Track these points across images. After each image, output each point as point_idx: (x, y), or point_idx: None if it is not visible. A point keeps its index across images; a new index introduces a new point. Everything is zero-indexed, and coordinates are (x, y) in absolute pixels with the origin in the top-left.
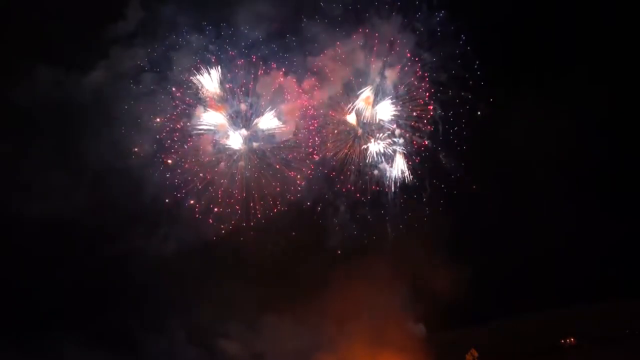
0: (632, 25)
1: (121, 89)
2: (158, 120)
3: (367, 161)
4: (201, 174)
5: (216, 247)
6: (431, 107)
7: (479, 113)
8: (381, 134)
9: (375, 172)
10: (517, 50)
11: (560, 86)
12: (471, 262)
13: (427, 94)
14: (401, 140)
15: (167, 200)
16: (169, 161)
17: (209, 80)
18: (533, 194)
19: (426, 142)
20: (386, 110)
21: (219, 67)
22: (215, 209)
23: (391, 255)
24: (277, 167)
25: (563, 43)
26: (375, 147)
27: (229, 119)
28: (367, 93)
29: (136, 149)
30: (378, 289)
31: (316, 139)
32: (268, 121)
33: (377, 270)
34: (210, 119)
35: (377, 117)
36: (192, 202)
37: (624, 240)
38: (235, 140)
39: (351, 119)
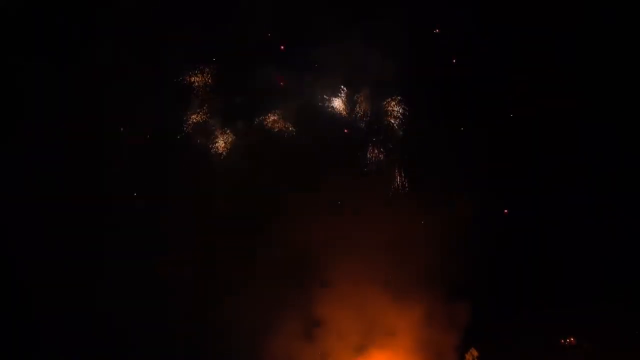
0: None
1: (112, 83)
2: (150, 115)
3: (365, 161)
4: (195, 169)
5: (211, 242)
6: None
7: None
8: (380, 136)
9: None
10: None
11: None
12: (470, 262)
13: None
14: (400, 134)
15: (160, 195)
16: (161, 155)
17: (204, 75)
18: (532, 194)
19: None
20: (386, 107)
21: (215, 62)
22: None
23: (389, 257)
24: (274, 162)
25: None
26: (373, 149)
27: (224, 113)
28: (365, 90)
29: (126, 144)
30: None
31: (314, 135)
32: (265, 116)
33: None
34: (204, 113)
35: (376, 114)
36: (186, 196)
37: (626, 240)
38: (231, 135)
39: (349, 114)
